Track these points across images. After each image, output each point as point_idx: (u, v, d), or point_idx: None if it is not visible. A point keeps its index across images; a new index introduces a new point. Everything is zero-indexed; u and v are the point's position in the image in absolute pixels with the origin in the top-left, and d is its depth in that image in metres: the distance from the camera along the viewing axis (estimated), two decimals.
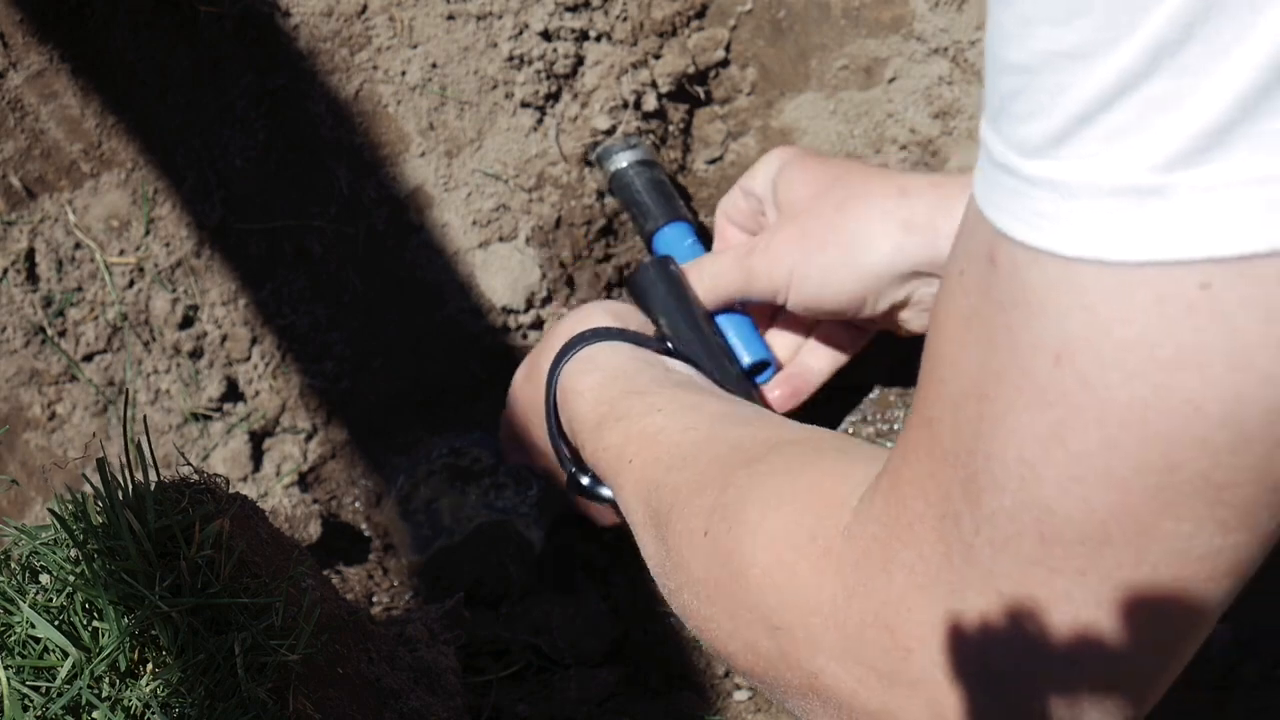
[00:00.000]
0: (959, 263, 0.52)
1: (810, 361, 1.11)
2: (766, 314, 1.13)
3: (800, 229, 1.04)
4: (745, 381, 1.08)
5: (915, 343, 1.08)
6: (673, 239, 1.15)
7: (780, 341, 1.13)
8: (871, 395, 1.18)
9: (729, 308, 1.10)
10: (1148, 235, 0.44)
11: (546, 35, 1.15)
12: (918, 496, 0.55)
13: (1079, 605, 0.51)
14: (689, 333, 1.08)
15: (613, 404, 0.91)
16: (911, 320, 1.05)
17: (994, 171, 0.48)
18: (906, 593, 0.55)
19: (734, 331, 1.11)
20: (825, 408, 1.15)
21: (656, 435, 0.83)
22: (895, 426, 1.19)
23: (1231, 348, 0.44)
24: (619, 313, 1.04)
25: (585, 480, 0.99)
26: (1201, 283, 0.44)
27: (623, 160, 1.16)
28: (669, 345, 1.04)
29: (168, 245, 1.17)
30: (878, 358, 1.14)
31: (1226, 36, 0.41)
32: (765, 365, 1.11)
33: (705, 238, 1.19)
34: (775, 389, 1.10)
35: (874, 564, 0.57)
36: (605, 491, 0.97)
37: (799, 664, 0.61)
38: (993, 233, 0.49)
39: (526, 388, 1.08)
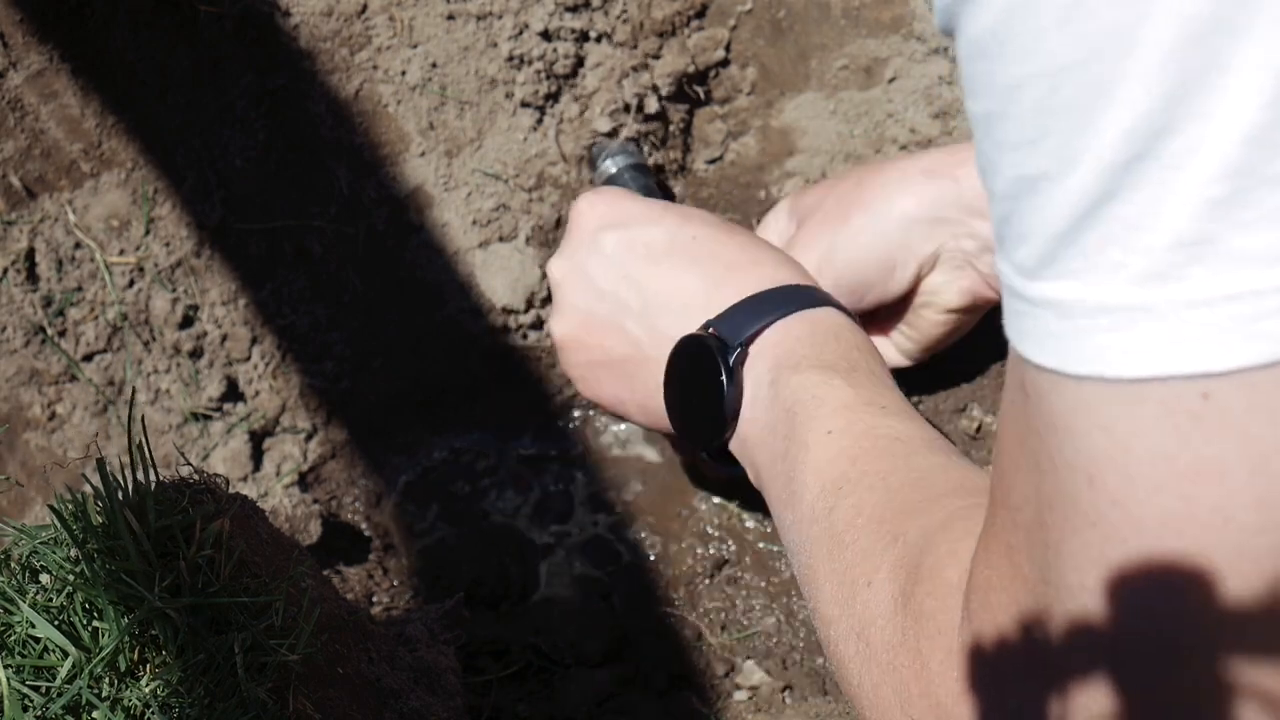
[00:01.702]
0: (1009, 393, 0.53)
1: None
2: None
3: (821, 215, 1.03)
4: None
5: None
6: None
7: None
8: None
9: None
10: (1141, 351, 0.45)
11: (546, 35, 1.15)
12: (1005, 635, 0.56)
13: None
14: None
15: (854, 367, 0.85)
16: (944, 289, 1.03)
17: (1008, 297, 0.50)
18: None
19: None
20: None
21: (870, 429, 0.80)
22: None
23: (1249, 453, 0.45)
24: (798, 268, 0.97)
25: (723, 357, 0.88)
26: (1203, 393, 0.44)
27: (615, 164, 1.15)
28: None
29: (168, 245, 1.17)
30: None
31: (1183, 149, 0.42)
32: None
33: None
34: None
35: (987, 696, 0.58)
36: (722, 375, 0.88)
37: None
38: (1020, 360, 0.50)
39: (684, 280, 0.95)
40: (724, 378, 0.88)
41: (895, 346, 1.08)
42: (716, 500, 1.18)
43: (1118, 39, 0.42)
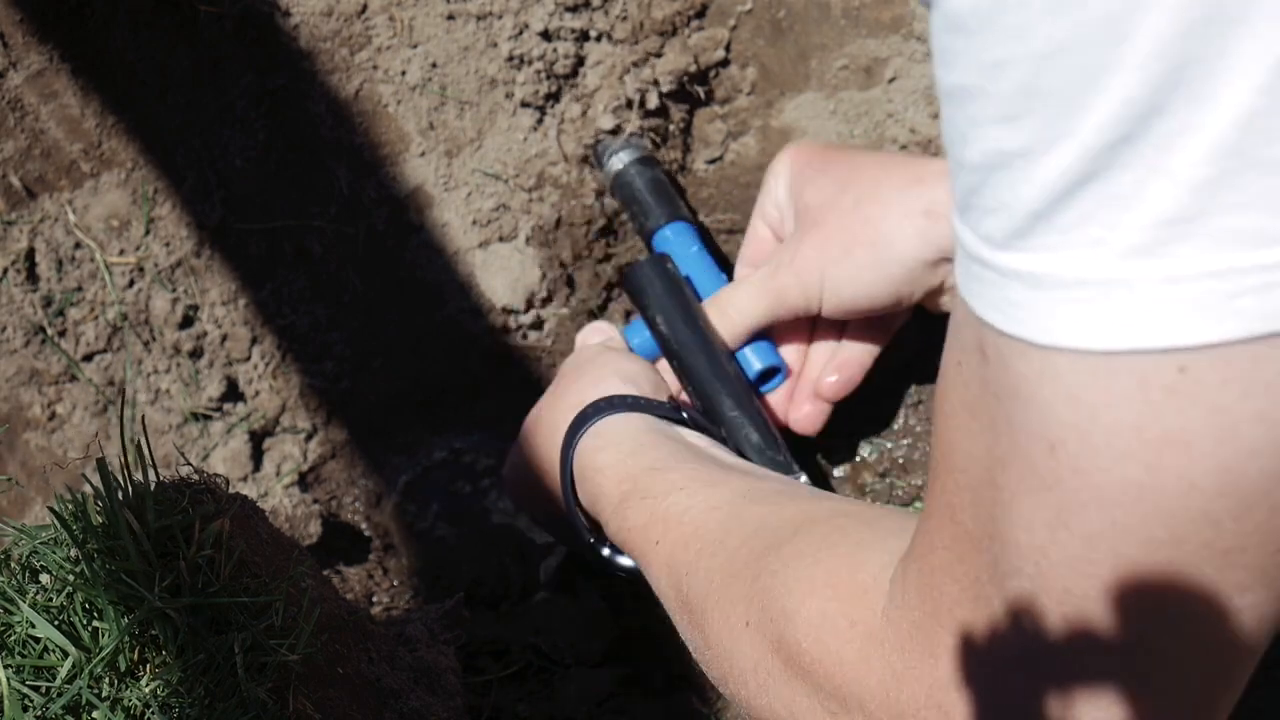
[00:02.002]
0: (955, 353, 0.53)
1: (854, 353, 1.10)
2: (803, 324, 1.11)
3: (822, 236, 1.04)
4: (747, 386, 1.07)
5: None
6: (676, 242, 1.14)
7: (820, 342, 1.12)
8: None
9: (757, 336, 1.09)
10: (1118, 325, 0.46)
11: (546, 35, 1.15)
12: (950, 582, 0.56)
13: (1115, 677, 0.52)
14: (687, 332, 1.07)
15: (635, 481, 0.90)
16: (949, 303, 1.04)
17: (968, 262, 0.50)
18: (953, 674, 0.57)
19: None
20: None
21: (681, 516, 0.83)
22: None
23: (1216, 423, 0.46)
24: (629, 374, 1.02)
25: (606, 552, 0.97)
26: (1179, 366, 0.45)
27: (623, 159, 1.15)
28: (684, 415, 1.01)
29: (168, 245, 1.17)
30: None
31: (1173, 131, 0.42)
32: (775, 371, 1.10)
33: (706, 238, 1.19)
34: (834, 373, 1.09)
35: (919, 649, 0.59)
36: (626, 561, 0.95)
37: None
38: (979, 323, 0.50)
39: (537, 442, 1.05)
40: (627, 564, 0.95)
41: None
42: None
43: (1110, 27, 0.42)
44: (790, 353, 1.12)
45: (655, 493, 0.87)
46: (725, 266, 1.20)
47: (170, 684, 0.69)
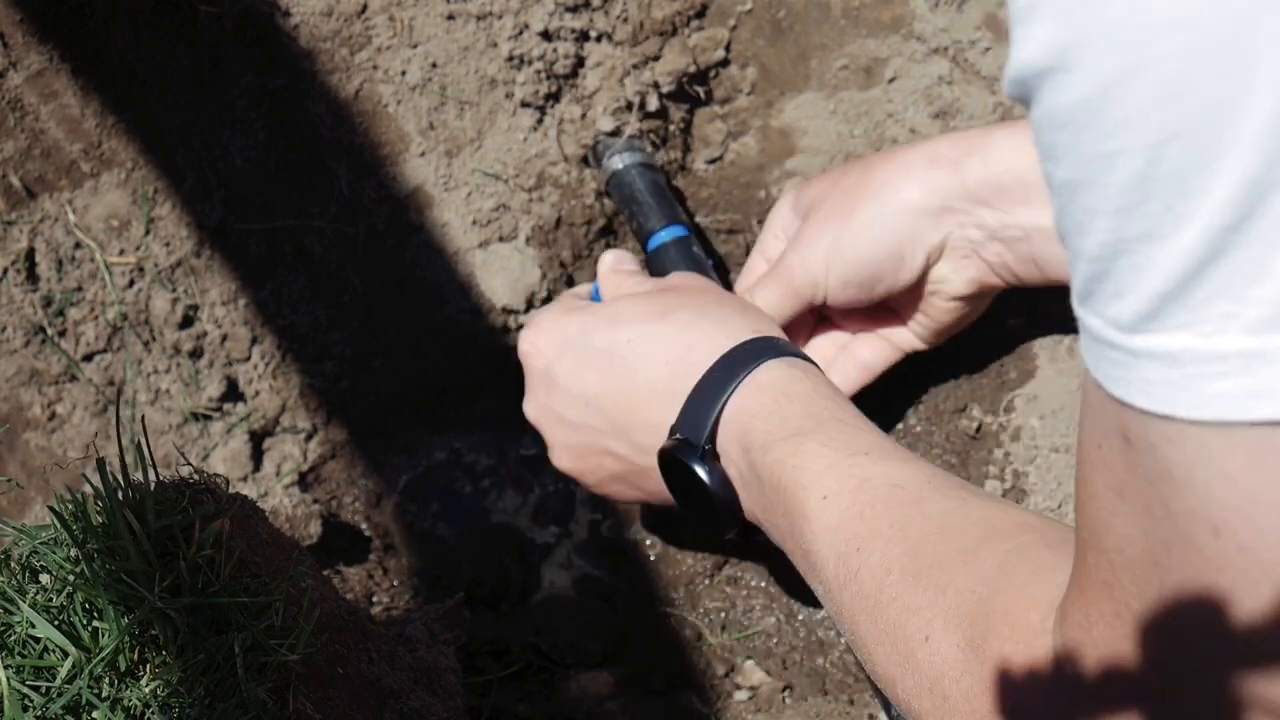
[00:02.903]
0: (1094, 437, 0.53)
1: (862, 352, 1.09)
2: (806, 326, 1.10)
3: (827, 209, 1.02)
4: None
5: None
6: (673, 245, 1.13)
7: (820, 346, 1.10)
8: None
9: None
10: (1261, 396, 0.46)
11: (546, 35, 1.15)
12: (1116, 666, 0.57)
13: None
14: None
15: (821, 423, 0.86)
16: (951, 278, 1.03)
17: (1098, 346, 0.50)
18: None
19: None
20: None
21: (863, 482, 0.80)
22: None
23: None
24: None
25: (704, 463, 0.90)
26: None
27: (620, 161, 1.15)
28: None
29: (168, 245, 1.17)
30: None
31: None
32: None
33: (702, 241, 1.19)
34: (834, 374, 1.06)
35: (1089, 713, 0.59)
36: (708, 480, 0.90)
37: None
38: (1118, 407, 0.50)
39: (660, 345, 0.96)
40: (708, 481, 0.90)
41: (909, 331, 1.09)
42: None
43: (1221, 111, 0.43)
44: None
45: (839, 445, 0.84)
46: (722, 269, 1.20)
47: (170, 684, 0.69)
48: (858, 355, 1.09)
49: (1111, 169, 0.46)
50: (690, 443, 0.91)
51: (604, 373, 0.98)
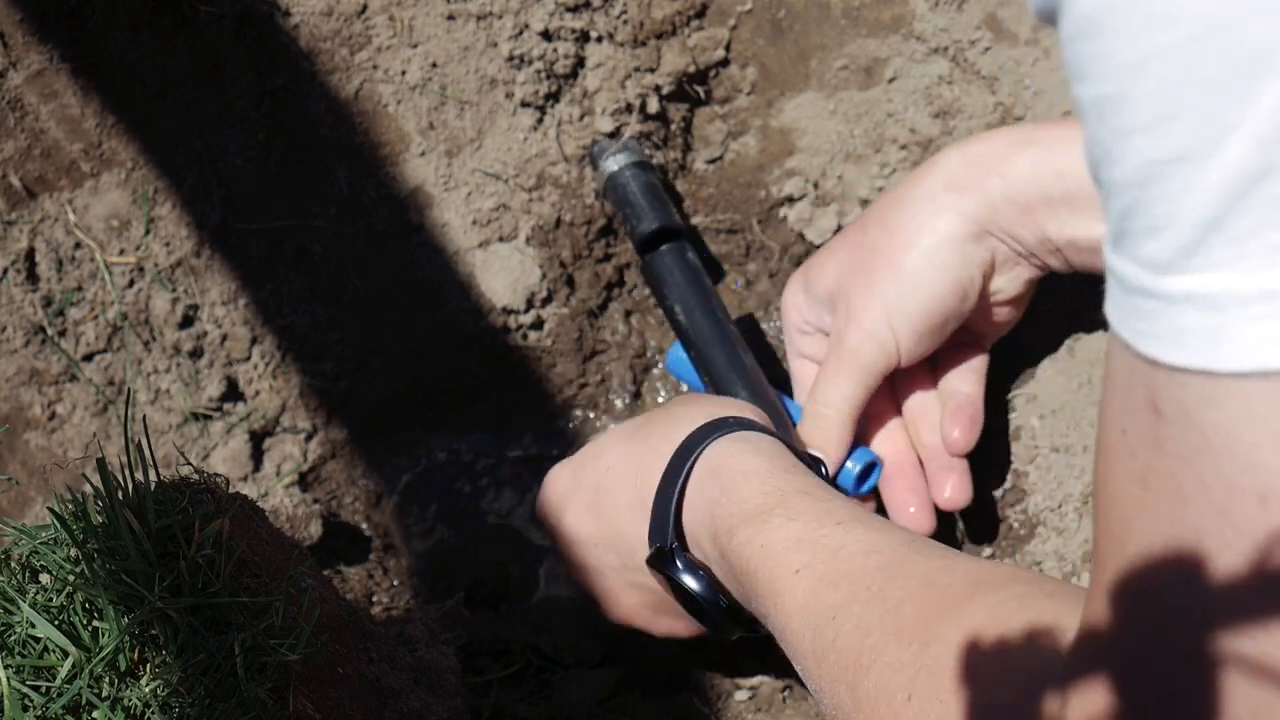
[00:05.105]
0: (1117, 423, 0.47)
1: (961, 387, 1.05)
2: (888, 403, 1.07)
3: (863, 275, 1.00)
4: (764, 378, 1.06)
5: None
6: (668, 255, 1.12)
7: (916, 409, 1.06)
8: None
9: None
10: None
11: (547, 35, 1.15)
12: (1138, 694, 0.50)
13: None
14: (705, 321, 1.07)
15: (783, 498, 0.82)
16: (1006, 287, 1.01)
17: (1129, 298, 0.44)
18: None
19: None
20: None
21: (835, 551, 0.75)
22: None
23: None
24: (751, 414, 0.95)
25: (680, 564, 0.87)
26: None
27: (617, 163, 1.15)
28: (823, 470, 0.95)
29: (168, 245, 1.17)
30: None
31: None
32: (873, 467, 1.03)
33: (696, 244, 1.20)
34: (954, 428, 1.02)
35: None
36: (691, 582, 0.87)
37: None
38: (1148, 371, 0.44)
39: (632, 448, 0.95)
40: (689, 583, 0.87)
41: (977, 344, 1.07)
42: None
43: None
44: (887, 443, 1.05)
45: (806, 517, 0.79)
46: (717, 271, 1.21)
47: (170, 684, 0.69)
48: (959, 390, 1.05)
49: (1143, 77, 0.40)
50: (662, 548, 0.89)
51: (597, 509, 0.97)
